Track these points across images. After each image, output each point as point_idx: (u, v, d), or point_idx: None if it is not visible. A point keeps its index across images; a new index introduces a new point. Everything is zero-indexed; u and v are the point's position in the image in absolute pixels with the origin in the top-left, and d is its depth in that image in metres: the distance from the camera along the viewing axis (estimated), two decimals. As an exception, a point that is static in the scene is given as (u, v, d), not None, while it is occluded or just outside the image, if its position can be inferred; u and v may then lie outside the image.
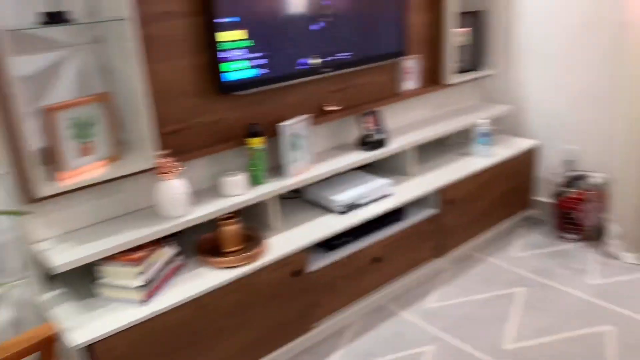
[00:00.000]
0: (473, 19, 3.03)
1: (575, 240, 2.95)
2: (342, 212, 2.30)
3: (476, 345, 2.19)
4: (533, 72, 3.09)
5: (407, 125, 2.88)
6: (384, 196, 2.44)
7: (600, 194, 2.87)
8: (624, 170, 2.67)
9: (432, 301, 2.51)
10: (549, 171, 3.13)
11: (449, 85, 2.96)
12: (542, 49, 3.01)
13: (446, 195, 2.58)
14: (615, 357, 2.06)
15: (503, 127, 3.24)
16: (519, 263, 2.78)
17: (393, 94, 2.79)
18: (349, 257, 2.24)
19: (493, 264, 2.80)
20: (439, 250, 2.67)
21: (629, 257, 2.71)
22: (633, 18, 2.48)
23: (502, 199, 2.96)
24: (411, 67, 2.80)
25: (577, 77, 2.91)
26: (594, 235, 2.92)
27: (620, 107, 2.64)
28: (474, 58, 3.12)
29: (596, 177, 2.89)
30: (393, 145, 2.54)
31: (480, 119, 2.91)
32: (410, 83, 2.82)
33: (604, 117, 2.82)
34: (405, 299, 2.54)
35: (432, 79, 2.96)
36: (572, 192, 2.91)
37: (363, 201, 2.36)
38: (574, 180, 2.94)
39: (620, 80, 2.64)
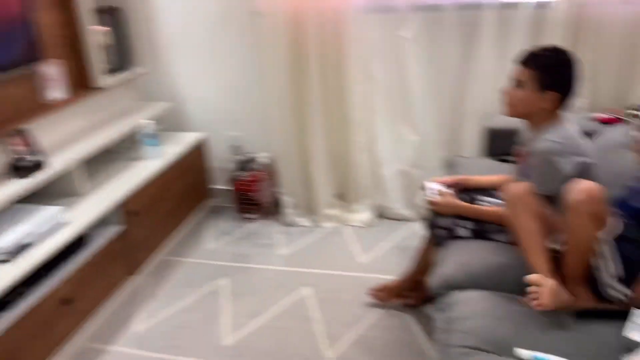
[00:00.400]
0: (112, 16, 2.82)
1: (257, 219, 3.15)
2: (6, 261, 1.87)
3: (198, 353, 2.12)
4: (185, 66, 3.09)
5: (65, 139, 2.52)
6: (58, 226, 2.09)
7: (269, 171, 3.12)
8: (284, 147, 2.96)
9: (140, 323, 2.32)
10: (221, 159, 3.22)
11: (101, 89, 2.70)
12: (187, 41, 3.03)
13: (129, 207, 2.38)
14: (318, 313, 2.29)
15: (167, 125, 3.16)
16: (214, 255, 2.81)
17: (39, 108, 2.37)
18: (32, 311, 1.85)
19: (191, 263, 2.75)
20: (133, 267, 2.47)
21: (303, 222, 3.04)
22: (261, 7, 2.71)
23: (184, 196, 2.92)
24: (53, 74, 2.43)
25: (225, 67, 3.04)
26: (272, 210, 3.17)
27: (267, 91, 2.88)
28: (122, 57, 2.91)
29: (263, 157, 3.13)
30: (54, 166, 2.19)
31: (142, 119, 2.77)
32: (56, 92, 2.45)
33: (258, 102, 3.03)
34: (110, 331, 2.27)
35: (82, 84, 2.65)
36: (245, 174, 3.08)
37: (31, 240, 1.97)
38: (244, 164, 3.12)
39: (259, 68, 2.87)
